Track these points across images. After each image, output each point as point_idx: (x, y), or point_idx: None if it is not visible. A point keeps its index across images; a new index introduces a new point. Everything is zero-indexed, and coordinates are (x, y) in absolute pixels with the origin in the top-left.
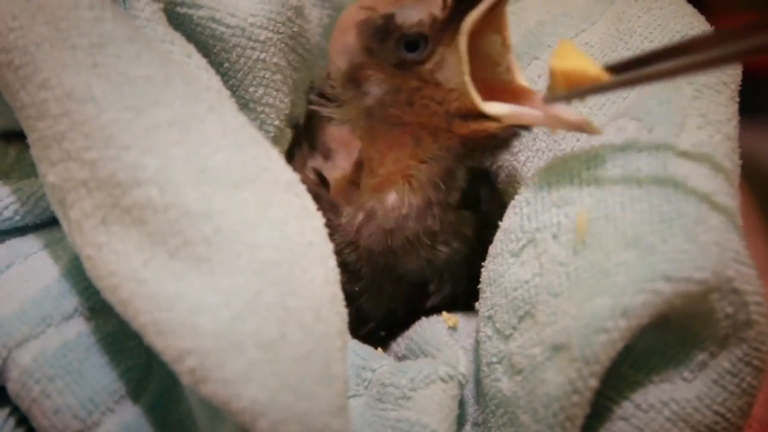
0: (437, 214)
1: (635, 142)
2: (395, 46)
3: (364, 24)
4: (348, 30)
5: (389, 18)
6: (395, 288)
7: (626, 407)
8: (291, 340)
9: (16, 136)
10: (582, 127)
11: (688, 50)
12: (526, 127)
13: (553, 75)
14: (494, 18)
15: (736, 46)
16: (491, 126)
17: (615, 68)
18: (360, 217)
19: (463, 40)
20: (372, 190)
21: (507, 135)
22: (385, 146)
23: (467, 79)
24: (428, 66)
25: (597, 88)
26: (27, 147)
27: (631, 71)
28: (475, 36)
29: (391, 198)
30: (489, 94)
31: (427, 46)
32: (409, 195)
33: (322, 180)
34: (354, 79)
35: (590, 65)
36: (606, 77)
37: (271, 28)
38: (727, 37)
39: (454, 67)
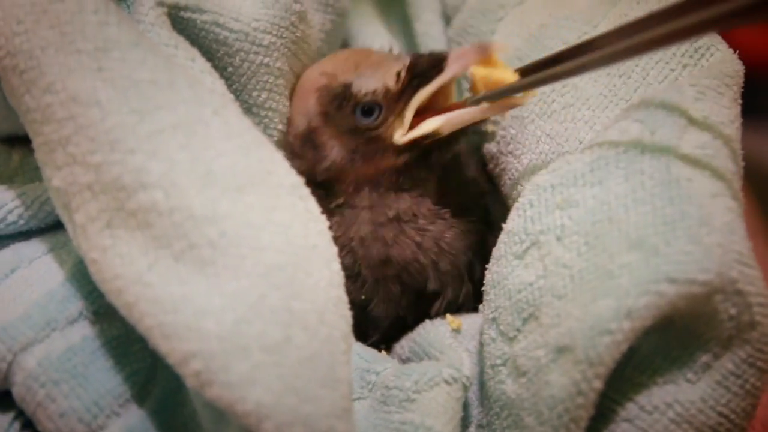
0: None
1: (638, 144)
2: (351, 112)
3: (323, 90)
4: (308, 93)
5: (347, 87)
6: (401, 292)
7: (630, 409)
8: (296, 343)
9: (20, 141)
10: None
11: (593, 48)
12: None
13: (473, 80)
14: (442, 89)
15: (636, 38)
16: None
17: (528, 70)
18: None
19: (410, 114)
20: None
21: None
22: (345, 186)
23: (404, 138)
24: (380, 130)
25: (509, 89)
26: (31, 151)
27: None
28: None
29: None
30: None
31: (381, 114)
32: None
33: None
34: (311, 140)
35: (506, 71)
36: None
37: (274, 32)
38: (628, 31)
39: (400, 127)
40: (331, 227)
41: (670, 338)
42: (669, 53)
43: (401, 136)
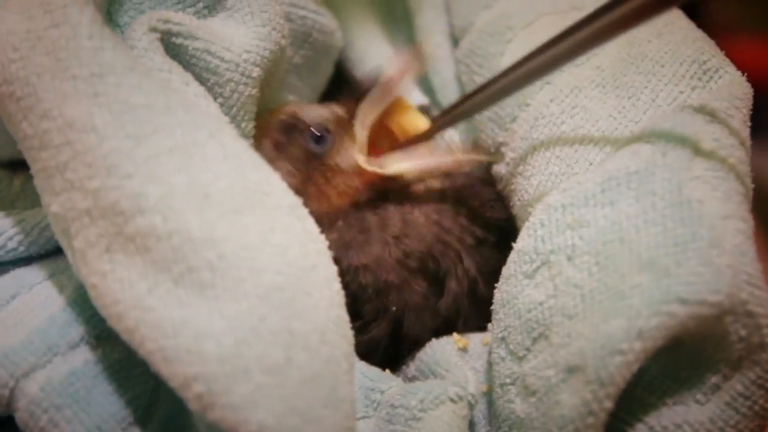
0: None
1: (650, 165)
2: (304, 140)
3: (275, 124)
4: (262, 134)
5: (295, 116)
6: (428, 287)
7: (640, 430)
8: (297, 363)
9: (22, 166)
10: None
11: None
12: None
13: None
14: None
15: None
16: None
17: (439, 117)
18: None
19: (361, 130)
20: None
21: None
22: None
23: (367, 164)
24: (332, 158)
25: (420, 138)
26: (32, 176)
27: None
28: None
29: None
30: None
31: (331, 140)
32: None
33: None
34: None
35: (419, 119)
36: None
37: (262, 66)
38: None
39: (353, 154)
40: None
41: (680, 359)
42: (678, 75)
43: (363, 161)
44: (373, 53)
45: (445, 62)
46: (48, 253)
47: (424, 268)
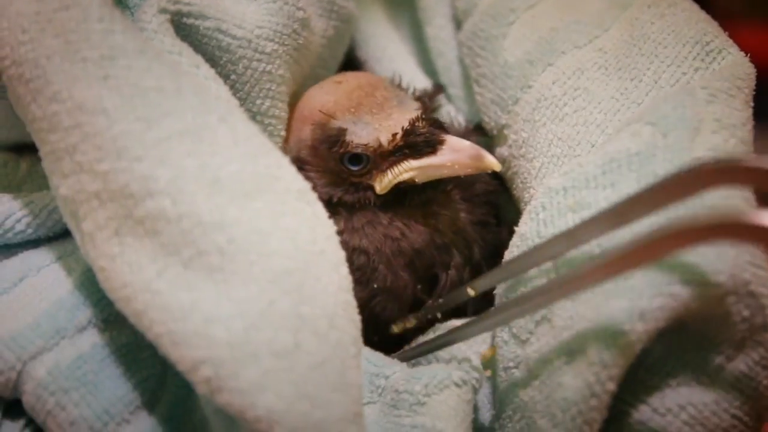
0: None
1: (650, 146)
2: (339, 157)
3: (318, 127)
4: (305, 122)
5: (342, 132)
6: (412, 280)
7: (643, 411)
8: (305, 348)
9: (28, 149)
10: (478, 161)
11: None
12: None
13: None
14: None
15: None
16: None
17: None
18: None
19: (392, 178)
20: None
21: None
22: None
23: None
24: (363, 178)
25: None
26: (38, 160)
27: None
28: None
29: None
30: None
31: (367, 164)
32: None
33: None
34: (298, 168)
35: None
36: None
37: (277, 40)
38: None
39: (386, 183)
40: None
41: (683, 340)
42: (681, 56)
43: (381, 189)
44: (378, 35)
45: (448, 45)
46: (56, 235)
47: (416, 267)
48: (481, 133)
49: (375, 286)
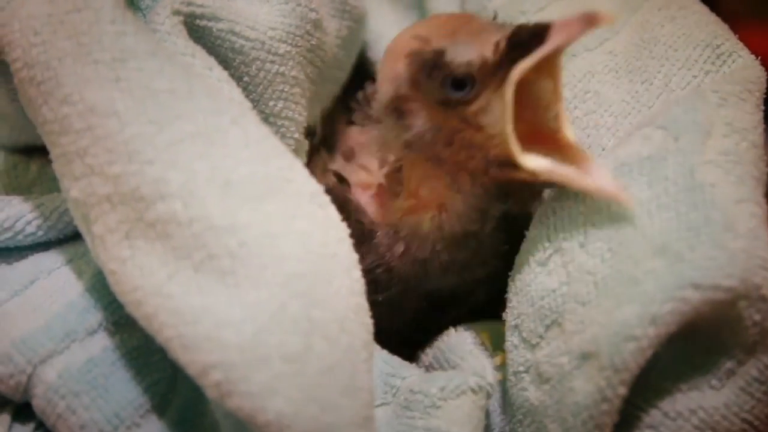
0: (471, 244)
1: (662, 150)
2: (441, 83)
3: (415, 56)
4: (398, 58)
5: (440, 54)
6: (417, 306)
7: (654, 415)
8: (316, 352)
9: (38, 151)
10: (616, 198)
11: None
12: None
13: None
14: (547, 64)
15: None
16: (527, 176)
17: None
18: (398, 246)
19: (509, 90)
20: (406, 211)
21: (542, 185)
22: (421, 175)
23: (509, 129)
24: (473, 108)
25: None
26: (49, 162)
27: None
28: (526, 80)
29: (425, 225)
30: (532, 139)
31: (474, 87)
32: (442, 224)
33: (341, 181)
34: (397, 109)
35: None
36: None
37: (289, 41)
38: None
39: (499, 113)
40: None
41: (694, 344)
42: (691, 59)
43: (511, 130)
44: (388, 36)
45: None
46: (66, 237)
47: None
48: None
49: (380, 298)
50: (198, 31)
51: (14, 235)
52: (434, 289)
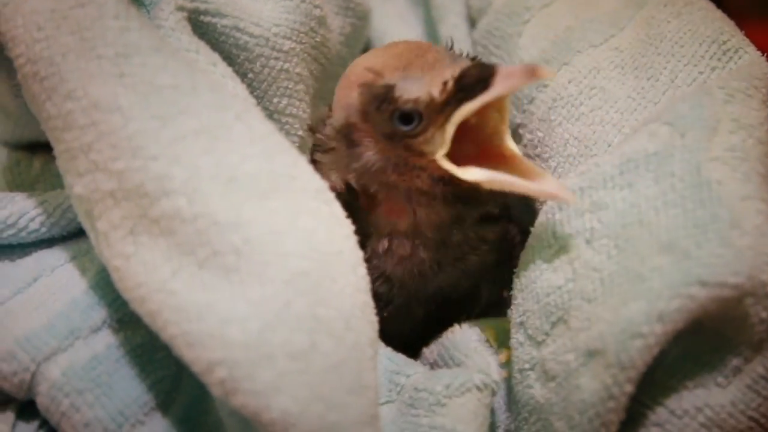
0: (454, 238)
1: (668, 146)
2: (390, 117)
3: (366, 87)
4: (352, 87)
5: (389, 89)
6: (425, 311)
7: (660, 413)
8: (321, 350)
9: (41, 147)
10: (558, 198)
11: None
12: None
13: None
14: (495, 101)
15: None
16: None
17: None
18: (381, 244)
19: (450, 130)
20: (384, 215)
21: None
22: (379, 194)
23: (441, 158)
24: (418, 140)
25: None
26: (52, 158)
27: None
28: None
29: (402, 225)
30: (482, 157)
31: (420, 123)
32: (417, 225)
33: (351, 191)
34: (348, 136)
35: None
36: None
37: (294, 38)
38: None
39: (441, 144)
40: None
41: (701, 342)
42: (697, 56)
43: (441, 155)
44: (392, 33)
45: (462, 43)
46: (70, 234)
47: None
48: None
49: (385, 314)
50: (202, 27)
51: (17, 231)
52: (439, 292)
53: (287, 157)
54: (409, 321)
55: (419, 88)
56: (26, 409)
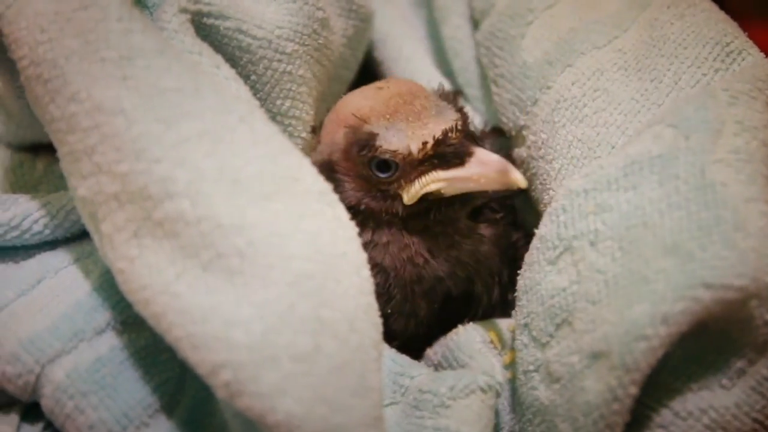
0: (437, 229)
1: (672, 149)
2: (369, 162)
3: (351, 131)
4: (339, 126)
5: (372, 137)
6: (428, 307)
7: (665, 415)
8: (326, 352)
9: (44, 149)
10: (504, 176)
11: None
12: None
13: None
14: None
15: None
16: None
17: None
18: (365, 234)
19: (420, 191)
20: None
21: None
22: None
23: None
24: (392, 186)
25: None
26: (55, 160)
27: None
28: None
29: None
30: None
31: (396, 171)
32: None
33: None
34: (329, 171)
35: None
36: None
37: (297, 40)
38: None
39: (410, 195)
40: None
41: (705, 344)
42: (701, 57)
43: (408, 199)
44: (394, 35)
45: (464, 44)
46: (73, 236)
47: (435, 295)
48: (498, 135)
49: (389, 311)
50: (205, 29)
51: (21, 233)
52: (437, 286)
53: (291, 159)
54: (413, 318)
55: (400, 140)
56: (31, 411)
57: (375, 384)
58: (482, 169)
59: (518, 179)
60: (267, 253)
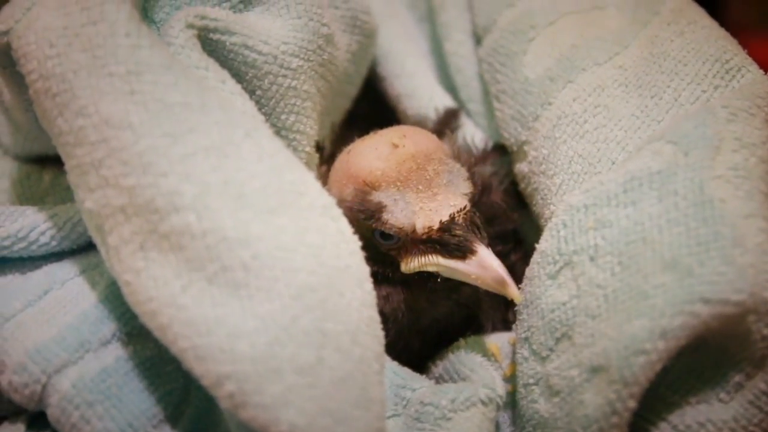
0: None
1: (672, 165)
2: (373, 229)
3: (360, 195)
4: (349, 182)
5: (380, 209)
6: (422, 343)
7: (663, 429)
8: (329, 364)
9: (51, 161)
10: (500, 286)
11: None
12: None
13: None
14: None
15: None
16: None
17: None
18: None
19: (418, 268)
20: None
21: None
22: None
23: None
24: (392, 253)
25: None
26: (62, 172)
27: None
28: None
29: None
30: None
31: (398, 243)
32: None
33: None
34: None
35: None
36: None
37: (302, 56)
38: None
39: (409, 266)
40: None
41: (703, 358)
42: (701, 74)
43: (405, 269)
44: (397, 51)
45: (467, 60)
46: (80, 248)
47: (432, 334)
48: (499, 155)
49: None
50: (211, 44)
51: (28, 245)
52: (434, 325)
53: (295, 173)
54: (405, 353)
55: (406, 217)
56: (36, 420)
57: (378, 396)
58: (481, 272)
59: (514, 294)
60: (271, 266)
